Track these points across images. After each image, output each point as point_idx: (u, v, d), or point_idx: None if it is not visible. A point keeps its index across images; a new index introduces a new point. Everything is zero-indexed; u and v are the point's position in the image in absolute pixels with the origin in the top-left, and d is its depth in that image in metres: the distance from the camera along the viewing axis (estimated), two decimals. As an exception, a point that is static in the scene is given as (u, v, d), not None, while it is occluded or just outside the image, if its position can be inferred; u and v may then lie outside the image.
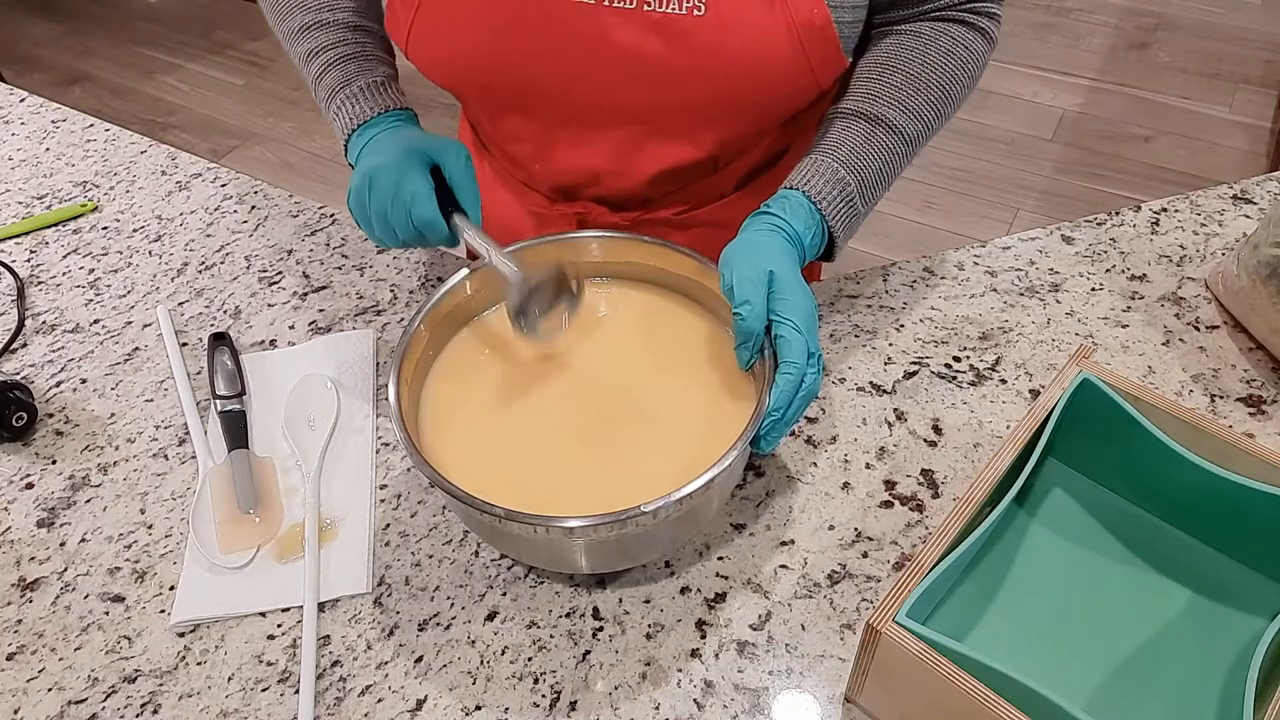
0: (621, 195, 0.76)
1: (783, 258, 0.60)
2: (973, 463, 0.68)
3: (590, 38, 0.62)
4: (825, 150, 0.65)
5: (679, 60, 0.62)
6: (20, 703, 0.59)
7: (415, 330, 0.62)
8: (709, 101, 0.64)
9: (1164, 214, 0.87)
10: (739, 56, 0.61)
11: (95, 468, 0.73)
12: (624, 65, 0.63)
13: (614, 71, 0.63)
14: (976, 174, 2.30)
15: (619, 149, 0.70)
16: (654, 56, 0.62)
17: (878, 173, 0.66)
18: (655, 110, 0.66)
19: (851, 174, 0.64)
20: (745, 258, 0.59)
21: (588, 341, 0.68)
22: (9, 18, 3.22)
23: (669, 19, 0.60)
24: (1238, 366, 0.73)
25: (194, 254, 0.92)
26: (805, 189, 0.63)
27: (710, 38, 0.60)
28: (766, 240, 0.61)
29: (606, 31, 0.61)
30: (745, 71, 0.62)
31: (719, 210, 0.81)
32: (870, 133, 0.65)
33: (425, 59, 0.66)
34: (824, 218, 0.63)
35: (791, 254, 0.61)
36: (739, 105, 0.65)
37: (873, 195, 0.66)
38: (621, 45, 0.62)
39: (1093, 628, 0.56)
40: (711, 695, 0.57)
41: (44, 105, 1.15)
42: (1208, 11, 2.76)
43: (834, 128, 0.67)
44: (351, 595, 0.63)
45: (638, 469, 0.60)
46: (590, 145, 0.70)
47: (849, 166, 0.64)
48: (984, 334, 0.77)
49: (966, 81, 0.70)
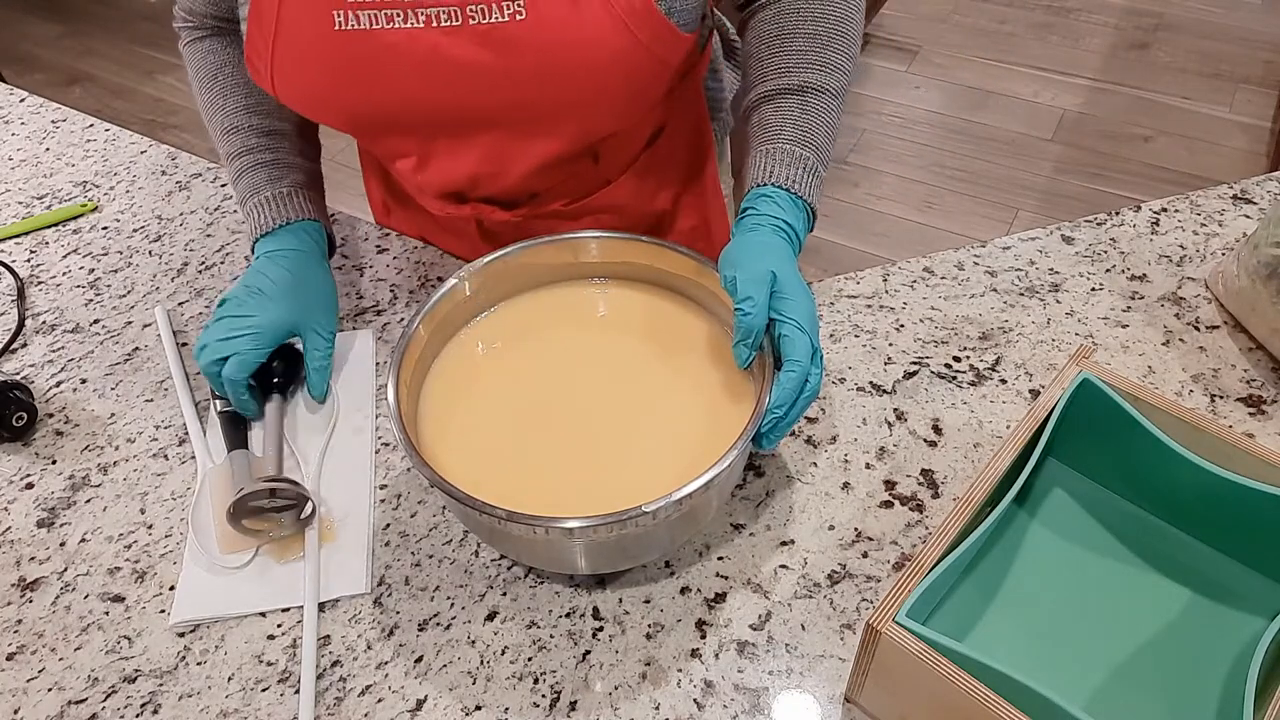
0: (505, 194, 0.79)
1: (784, 257, 0.61)
2: (973, 463, 0.68)
3: (427, 61, 0.63)
4: (772, 137, 0.67)
5: (513, 65, 0.63)
6: (20, 703, 0.59)
7: (415, 330, 0.62)
8: (555, 98, 0.66)
9: (1164, 214, 0.87)
10: (567, 51, 0.63)
11: (95, 468, 0.73)
12: (465, 78, 0.64)
13: (457, 85, 0.65)
14: (976, 174, 2.30)
15: (489, 153, 0.71)
16: (489, 65, 0.63)
17: (825, 136, 0.68)
18: (508, 113, 0.68)
19: (805, 148, 0.66)
20: (748, 256, 0.60)
21: (587, 342, 0.68)
22: (9, 18, 3.22)
23: (495, 28, 0.62)
24: (1238, 366, 0.73)
25: (194, 254, 0.92)
26: (779, 182, 0.64)
27: (536, 37, 0.62)
28: (768, 240, 0.62)
29: (440, 51, 0.63)
30: (579, 64, 0.63)
31: (607, 196, 0.82)
32: (803, 103, 0.67)
33: (290, 98, 0.69)
34: (804, 200, 0.65)
35: (790, 252, 0.62)
36: (586, 96, 0.66)
37: (827, 158, 0.68)
38: (457, 61, 0.63)
39: (1093, 628, 0.56)
40: (711, 695, 0.57)
41: (44, 105, 1.15)
42: (1208, 11, 2.76)
43: (768, 112, 0.68)
44: (351, 595, 0.63)
45: (638, 469, 0.60)
46: (462, 153, 0.72)
47: (801, 143, 0.66)
48: (984, 334, 0.77)
49: (856, 15, 0.71)
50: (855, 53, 0.71)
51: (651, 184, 0.84)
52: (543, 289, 0.71)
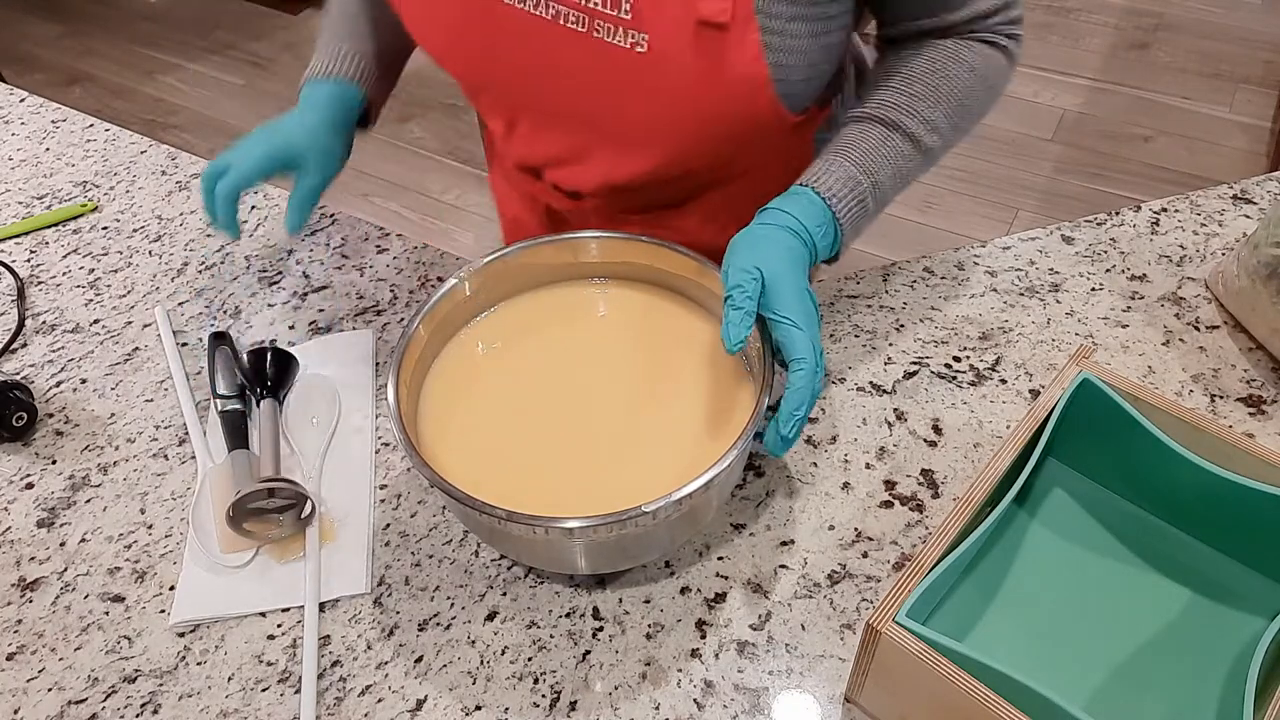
0: (578, 185, 0.79)
1: (783, 253, 0.60)
2: (973, 463, 0.68)
3: (541, 50, 0.65)
4: (839, 151, 0.65)
5: (619, 86, 0.64)
6: (20, 703, 0.59)
7: (415, 330, 0.62)
8: (648, 127, 0.68)
9: (1164, 214, 0.87)
10: (674, 98, 0.64)
11: (95, 468, 0.73)
12: (570, 78, 0.66)
13: (561, 82, 0.67)
14: (976, 174, 2.30)
15: (573, 146, 0.74)
16: (597, 78, 0.65)
17: (891, 176, 0.66)
18: (599, 120, 0.69)
19: (865, 175, 0.64)
20: (745, 247, 0.59)
21: (587, 342, 0.68)
22: (9, 18, 3.22)
23: (613, 50, 0.62)
24: (1238, 366, 0.73)
25: (194, 254, 0.92)
26: (816, 186, 0.63)
27: (648, 76, 0.63)
28: (769, 234, 0.61)
29: (556, 47, 0.64)
30: (682, 112, 0.65)
31: (677, 217, 0.82)
32: (886, 137, 0.66)
33: (413, 30, 0.72)
34: (835, 215, 0.63)
35: (796, 250, 0.61)
36: (678, 135, 0.68)
37: (884, 198, 0.66)
38: (568, 62, 0.64)
39: (1093, 628, 0.56)
40: (711, 695, 0.57)
41: (44, 105, 1.15)
42: (1208, 11, 2.76)
43: (849, 131, 0.67)
44: (351, 595, 0.63)
45: (638, 469, 0.60)
46: (547, 136, 0.75)
47: (862, 168, 0.64)
48: (984, 334, 0.77)
49: (986, 98, 0.70)
50: (964, 127, 0.69)
51: (724, 218, 0.80)
52: (543, 289, 0.71)
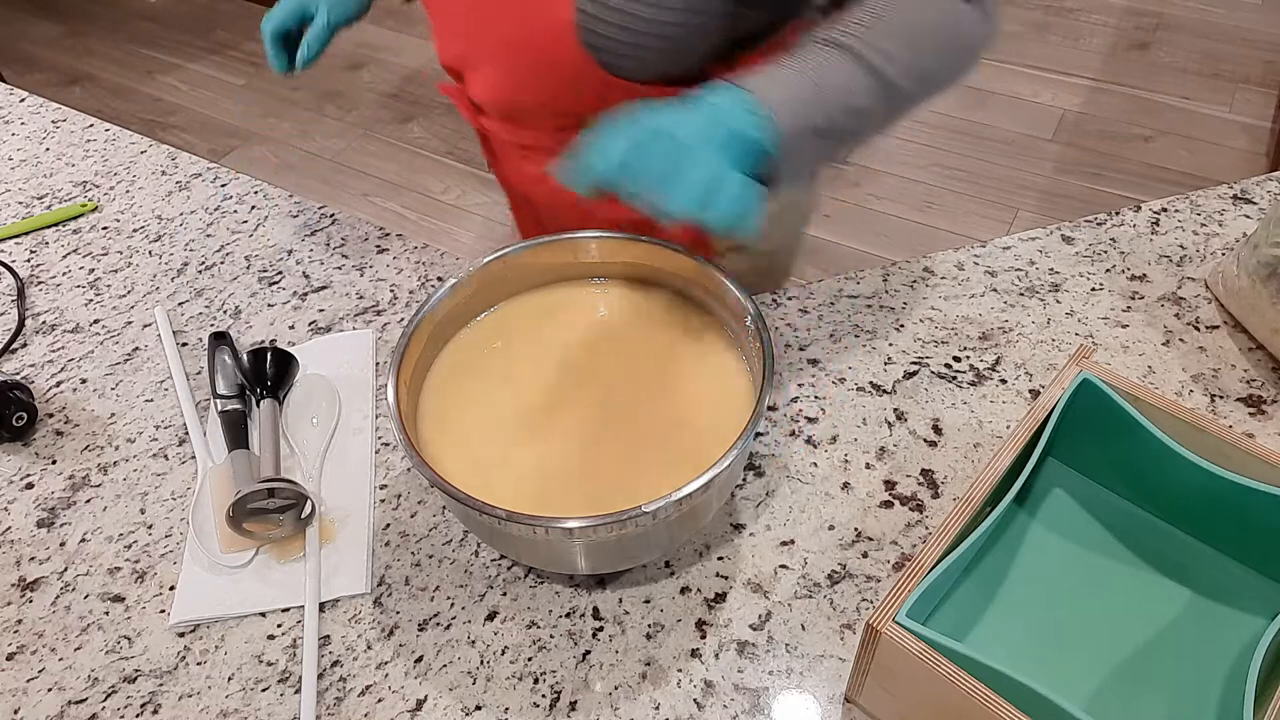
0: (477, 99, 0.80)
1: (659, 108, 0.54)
2: (973, 463, 0.68)
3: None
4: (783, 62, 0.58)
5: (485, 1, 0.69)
6: (20, 703, 0.59)
7: (414, 331, 0.62)
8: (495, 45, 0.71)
9: (1164, 214, 0.87)
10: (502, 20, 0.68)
11: (95, 468, 0.73)
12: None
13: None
14: (976, 174, 2.30)
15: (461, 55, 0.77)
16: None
17: (838, 92, 0.58)
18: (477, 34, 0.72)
19: (805, 78, 0.57)
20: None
21: (587, 342, 0.68)
22: (9, 18, 3.22)
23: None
24: (1238, 366, 0.73)
25: (194, 254, 0.92)
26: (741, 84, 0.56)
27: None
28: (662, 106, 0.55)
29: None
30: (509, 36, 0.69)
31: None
32: (839, 57, 0.58)
33: None
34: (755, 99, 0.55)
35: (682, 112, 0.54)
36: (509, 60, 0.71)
37: (831, 115, 0.58)
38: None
39: (1093, 628, 0.56)
40: (711, 695, 0.57)
41: (44, 105, 1.15)
42: (1208, 11, 2.76)
43: (804, 46, 0.60)
44: (351, 595, 0.63)
45: (638, 469, 0.60)
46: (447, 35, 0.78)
47: (801, 72, 0.58)
48: (984, 334, 0.77)
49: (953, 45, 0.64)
50: (930, 66, 0.62)
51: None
52: (543, 289, 0.71)
